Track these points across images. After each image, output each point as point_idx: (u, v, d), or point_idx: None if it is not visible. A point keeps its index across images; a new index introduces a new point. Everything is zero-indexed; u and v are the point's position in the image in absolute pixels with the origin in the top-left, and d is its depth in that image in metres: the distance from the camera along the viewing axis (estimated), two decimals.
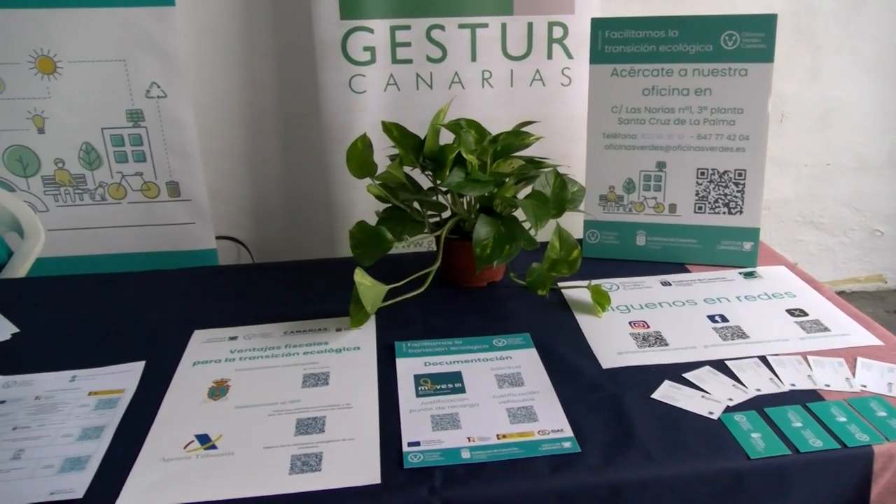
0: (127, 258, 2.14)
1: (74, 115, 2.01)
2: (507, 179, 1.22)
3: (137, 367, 1.06)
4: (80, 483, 0.83)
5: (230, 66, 2.15)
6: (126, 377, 1.04)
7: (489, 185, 1.17)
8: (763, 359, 1.05)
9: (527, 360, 1.05)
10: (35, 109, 1.99)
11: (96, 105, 2.00)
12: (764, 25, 1.26)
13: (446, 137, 1.22)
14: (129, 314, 1.25)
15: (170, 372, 1.06)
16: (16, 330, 1.20)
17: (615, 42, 1.33)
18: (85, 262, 2.13)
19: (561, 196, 1.22)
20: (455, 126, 1.22)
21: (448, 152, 1.16)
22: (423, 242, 1.90)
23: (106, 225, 2.12)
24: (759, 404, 0.95)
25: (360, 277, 1.11)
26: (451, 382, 1.00)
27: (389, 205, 1.27)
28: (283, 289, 1.33)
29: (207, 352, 1.10)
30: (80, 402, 0.99)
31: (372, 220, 1.24)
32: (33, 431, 0.93)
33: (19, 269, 1.63)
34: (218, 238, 2.23)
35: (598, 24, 1.34)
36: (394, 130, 1.21)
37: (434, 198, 1.25)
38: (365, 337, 1.13)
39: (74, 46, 1.94)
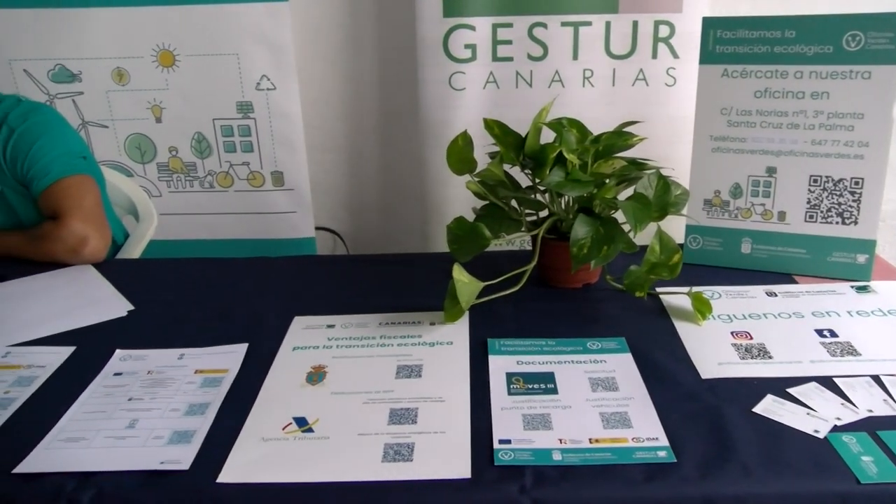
0: (231, 244, 2.24)
1: (189, 106, 2.12)
2: (607, 180, 1.20)
3: (241, 349, 1.11)
4: (186, 455, 0.87)
5: (335, 61, 2.21)
6: (230, 358, 1.09)
7: (589, 186, 1.15)
8: (876, 378, 0.99)
9: (621, 365, 1.03)
10: (154, 100, 2.11)
11: (209, 96, 2.10)
12: (892, 25, 1.18)
13: (547, 136, 1.21)
14: (235, 298, 1.31)
15: (271, 355, 1.10)
16: (132, 307, 1.27)
17: (727, 42, 1.28)
18: (192, 246, 2.24)
19: (663, 199, 1.19)
20: (557, 125, 1.21)
21: (549, 151, 1.16)
22: (518, 241, 1.89)
23: (213, 211, 2.23)
24: (871, 426, 0.89)
25: (458, 273, 1.12)
26: (543, 383, 1.00)
27: (487, 202, 1.27)
28: (379, 281, 1.36)
29: (306, 338, 1.14)
30: (187, 379, 1.04)
31: (467, 217, 1.24)
32: (145, 403, 0.99)
33: (134, 250, 1.73)
34: (316, 229, 2.30)
35: (710, 24, 1.29)
36: (495, 128, 1.21)
37: (532, 196, 1.24)
38: (458, 332, 1.14)
39: (192, 41, 2.05)
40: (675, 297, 1.23)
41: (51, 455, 0.89)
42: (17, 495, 0.83)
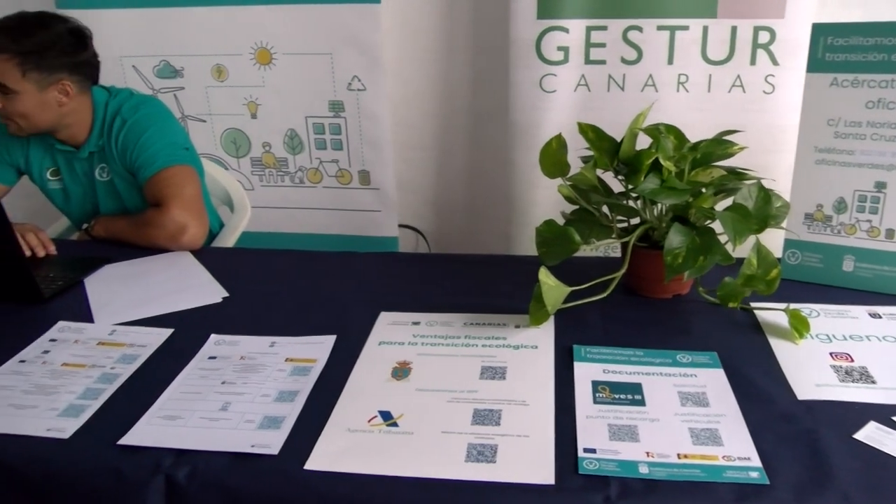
0: (317, 238, 2.30)
1: (283, 103, 2.18)
2: (704, 189, 1.17)
3: (329, 341, 1.14)
4: (276, 440, 0.90)
5: (427, 62, 2.23)
6: (318, 348, 1.12)
7: (685, 194, 1.13)
8: None
9: (713, 380, 1.00)
10: (250, 96, 2.19)
11: (303, 94, 2.16)
12: None
13: (642, 142, 1.19)
14: (322, 290, 1.34)
15: (357, 348, 1.12)
16: (226, 294, 1.32)
17: (838, 50, 1.22)
18: (280, 239, 2.31)
19: (763, 211, 1.14)
20: (654, 131, 1.18)
21: (644, 157, 1.13)
22: (607, 247, 1.87)
23: (301, 206, 2.29)
24: None
25: (545, 276, 1.11)
26: (630, 393, 0.98)
27: (577, 207, 1.26)
28: (464, 280, 1.36)
29: (392, 333, 1.16)
30: (277, 366, 1.07)
31: (556, 220, 1.23)
32: (238, 388, 1.02)
33: (228, 239, 1.80)
34: (399, 226, 2.33)
35: (821, 30, 1.24)
36: (590, 132, 1.20)
37: (624, 203, 1.22)
38: (543, 336, 1.13)
39: (288, 40, 2.11)
40: (771, 314, 1.18)
41: (151, 430, 0.93)
42: (121, 465, 0.88)
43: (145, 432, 0.93)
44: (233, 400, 0.99)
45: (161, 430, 0.93)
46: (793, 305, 1.15)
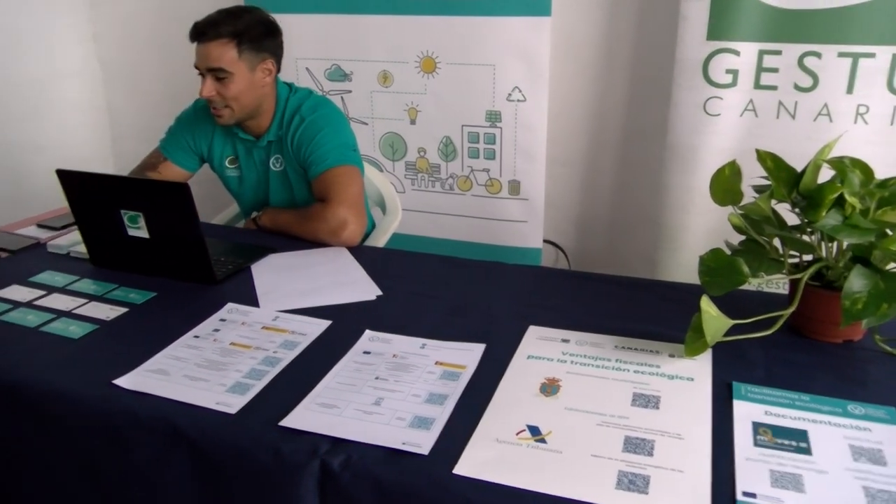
0: (462, 245, 2.33)
1: (442, 111, 2.23)
2: (891, 230, 1.08)
3: (478, 349, 1.15)
4: (426, 441, 0.92)
5: (587, 76, 2.21)
6: (468, 355, 1.13)
7: (870, 234, 1.05)
8: None
9: (891, 438, 0.92)
10: (412, 103, 2.26)
11: (461, 103, 2.20)
12: None
13: (821, 175, 1.12)
14: (471, 297, 1.36)
15: (505, 359, 1.12)
16: (380, 292, 1.37)
17: None
18: (426, 243, 2.37)
19: None
20: (839, 164, 1.11)
21: (828, 192, 1.06)
22: (774, 283, 1.77)
23: (449, 212, 2.33)
24: None
25: (707, 306, 1.06)
26: (795, 440, 0.92)
27: (745, 237, 1.20)
28: (614, 302, 1.33)
29: (541, 348, 1.15)
30: (428, 368, 1.10)
31: (703, 247, 1.18)
32: (390, 385, 1.05)
33: (379, 240, 1.86)
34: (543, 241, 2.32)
35: None
36: (768, 160, 1.14)
37: (798, 237, 1.15)
38: (700, 369, 1.09)
39: (453, 49, 2.16)
40: None
41: (309, 416, 0.98)
42: (281, 445, 0.93)
43: (304, 417, 0.98)
44: (385, 396, 1.02)
45: (318, 416, 0.98)
46: None
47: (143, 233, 1.40)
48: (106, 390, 1.06)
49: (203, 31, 1.61)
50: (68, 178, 1.43)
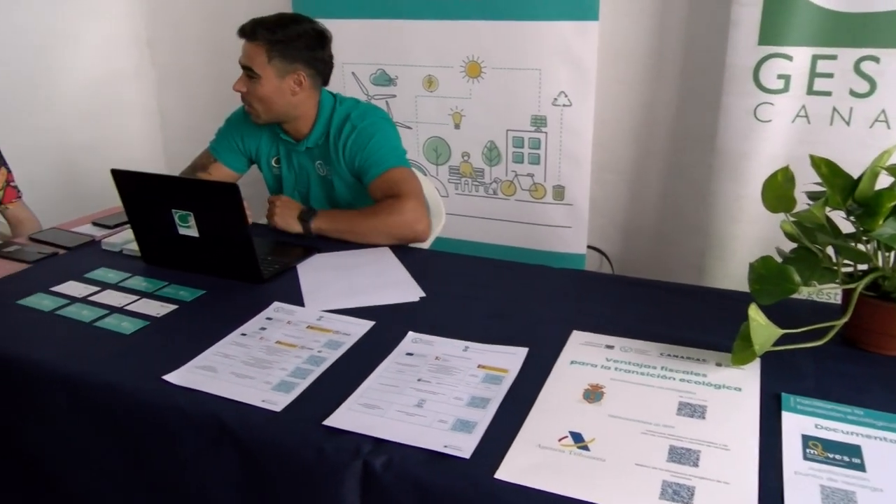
0: (504, 249, 2.33)
1: (486, 116, 2.24)
2: None
3: (521, 353, 1.14)
4: (468, 444, 0.92)
5: (634, 82, 2.20)
6: (510, 359, 1.13)
7: None
8: None
9: None
10: (456, 107, 2.27)
11: (506, 108, 2.20)
12: None
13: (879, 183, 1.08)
14: (514, 301, 1.35)
15: (548, 364, 1.11)
16: (423, 294, 1.37)
17: None
18: (469, 247, 2.37)
19: None
20: None
21: (886, 199, 1.03)
22: (826, 292, 1.73)
23: (492, 216, 2.33)
24: None
25: (755, 314, 1.04)
26: (847, 455, 0.89)
27: (797, 245, 1.17)
28: (659, 308, 1.32)
29: (584, 354, 1.14)
30: (470, 371, 1.10)
31: (751, 257, 1.16)
32: (432, 387, 1.06)
33: (423, 243, 1.86)
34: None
35: None
36: (823, 167, 1.11)
37: (853, 246, 1.12)
38: (747, 378, 1.06)
39: (499, 54, 2.16)
40: None
41: (352, 416, 0.99)
42: (325, 444, 0.94)
43: (347, 417, 0.98)
44: (427, 398, 1.03)
45: (361, 416, 0.98)
46: None
47: (193, 232, 1.44)
48: (156, 385, 1.08)
49: (245, 30, 1.67)
50: (123, 178, 1.47)
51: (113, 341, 1.23)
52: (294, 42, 1.66)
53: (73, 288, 1.43)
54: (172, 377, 1.10)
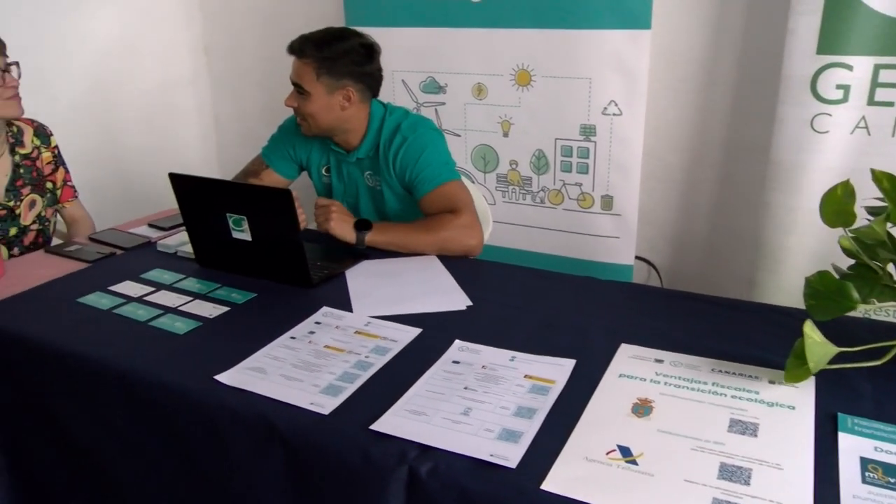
0: (551, 259, 2.31)
1: (535, 124, 2.23)
2: None
3: (568, 364, 1.14)
4: (514, 454, 0.92)
5: (687, 91, 2.16)
6: (557, 370, 1.12)
7: None
8: None
9: None
10: (505, 115, 2.26)
11: (555, 117, 2.19)
12: None
13: None
14: (562, 312, 1.34)
15: (596, 377, 1.10)
16: (470, 303, 1.37)
17: None
18: (515, 255, 2.36)
19: None
20: None
21: None
22: (886, 310, 1.68)
23: (539, 225, 2.32)
24: None
25: (811, 331, 1.02)
26: None
27: (855, 262, 1.14)
28: (710, 323, 1.29)
29: (633, 367, 1.13)
30: (516, 381, 1.10)
31: (805, 271, 1.13)
32: (478, 395, 1.06)
33: None
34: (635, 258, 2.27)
35: None
36: (884, 181, 1.08)
37: None
38: (801, 397, 1.04)
39: (549, 62, 2.15)
40: None
41: (398, 421, 0.99)
42: (371, 449, 0.95)
43: (393, 422, 0.99)
44: (474, 406, 1.03)
45: (407, 422, 0.99)
46: None
47: (246, 235, 1.47)
48: (207, 385, 1.11)
49: (294, 47, 1.69)
50: (179, 182, 1.51)
51: (166, 341, 1.26)
52: (341, 58, 1.67)
53: (129, 287, 1.47)
54: (223, 377, 1.12)
